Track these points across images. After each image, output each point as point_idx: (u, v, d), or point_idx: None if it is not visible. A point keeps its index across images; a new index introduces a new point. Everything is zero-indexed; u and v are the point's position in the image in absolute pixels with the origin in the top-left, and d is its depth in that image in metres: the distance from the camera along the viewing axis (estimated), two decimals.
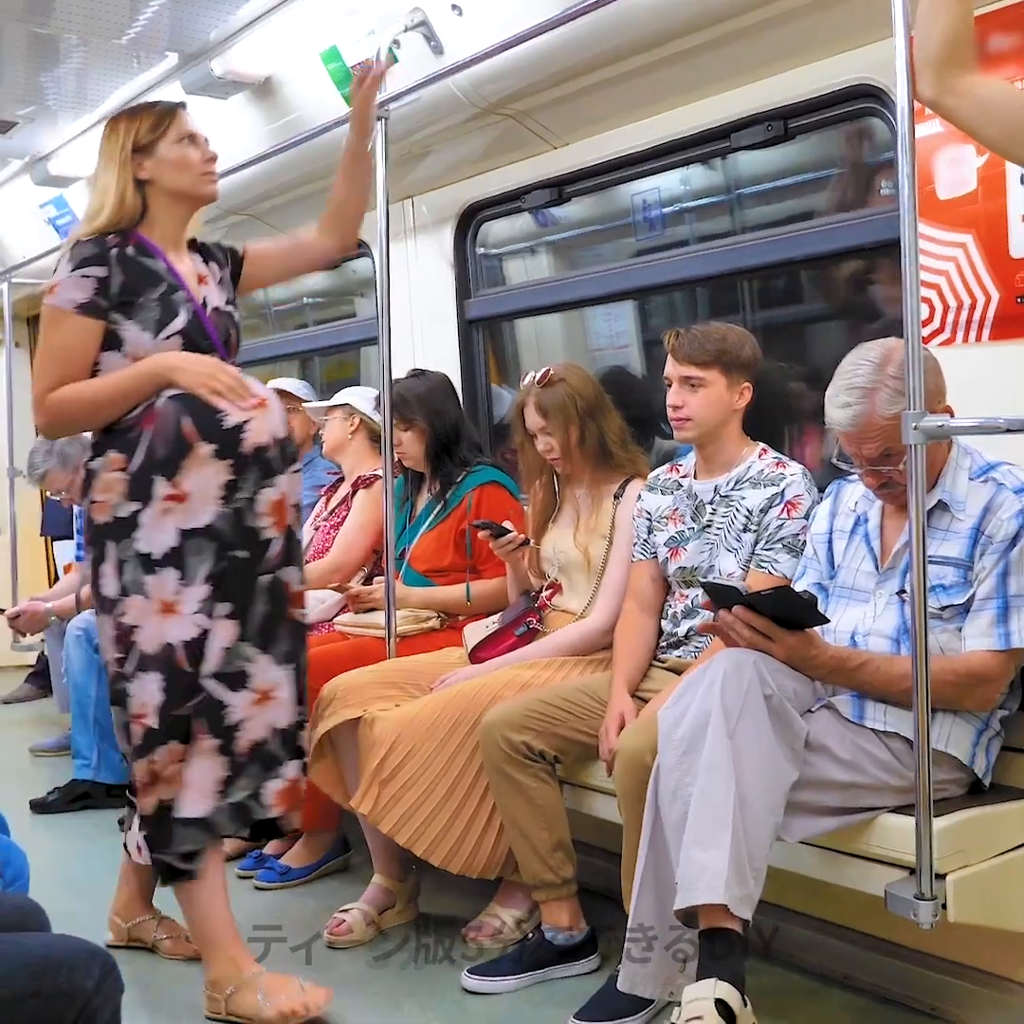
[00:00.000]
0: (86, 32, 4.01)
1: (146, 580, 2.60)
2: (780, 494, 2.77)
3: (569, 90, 3.38)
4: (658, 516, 2.98)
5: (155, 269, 2.69)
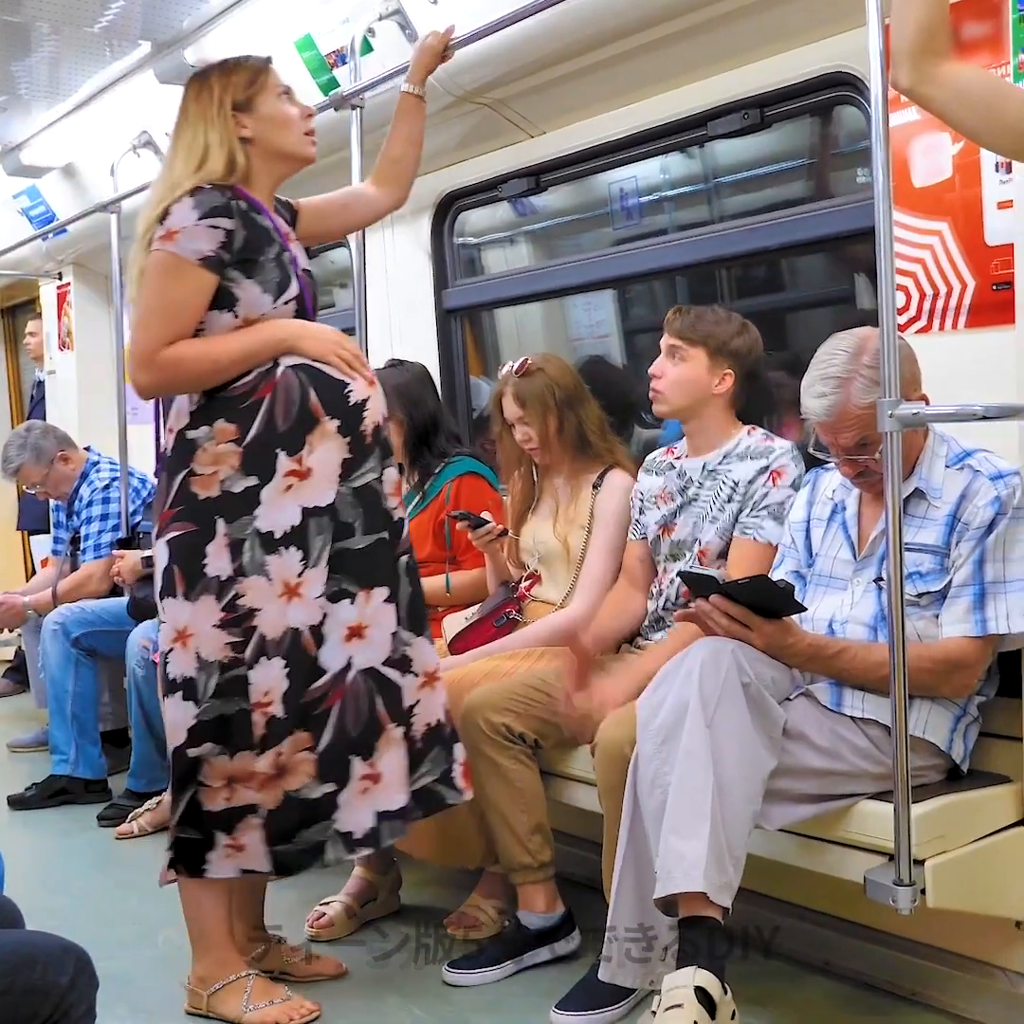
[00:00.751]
0: (58, 21, 3.98)
1: (268, 560, 2.46)
2: (767, 467, 2.78)
3: (546, 78, 3.37)
4: (648, 497, 3.00)
5: (267, 227, 2.54)
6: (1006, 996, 2.41)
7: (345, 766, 2.50)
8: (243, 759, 2.48)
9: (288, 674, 2.47)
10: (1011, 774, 2.39)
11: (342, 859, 2.56)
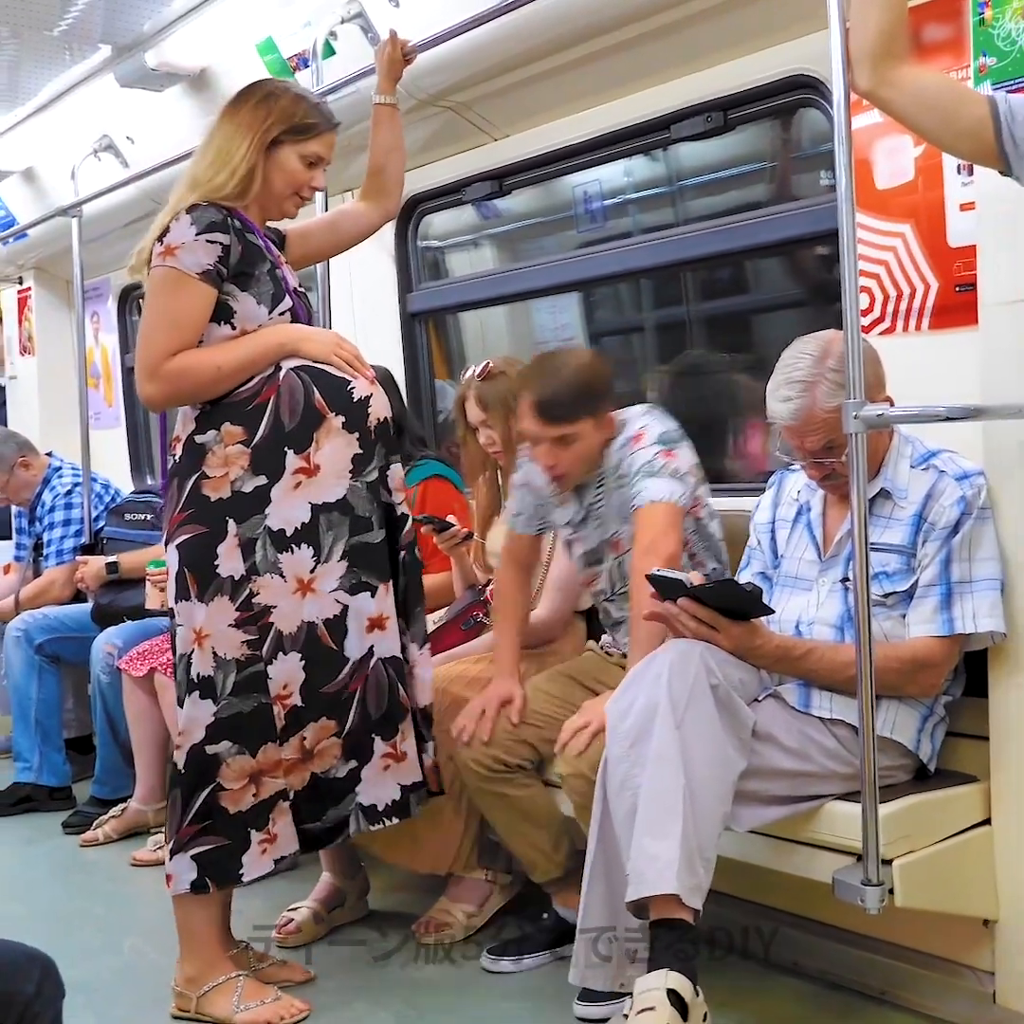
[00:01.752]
0: (17, 24, 3.95)
1: (280, 558, 2.52)
2: (628, 437, 2.74)
3: (508, 81, 3.36)
4: (550, 494, 2.91)
5: (258, 244, 2.60)
6: (974, 995, 2.42)
7: (368, 745, 2.60)
8: (266, 752, 2.54)
9: (305, 666, 2.54)
10: (978, 773, 2.40)
11: (364, 831, 2.63)
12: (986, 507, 2.32)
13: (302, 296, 2.72)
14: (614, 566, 2.83)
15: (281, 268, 2.65)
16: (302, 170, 2.64)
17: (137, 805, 3.91)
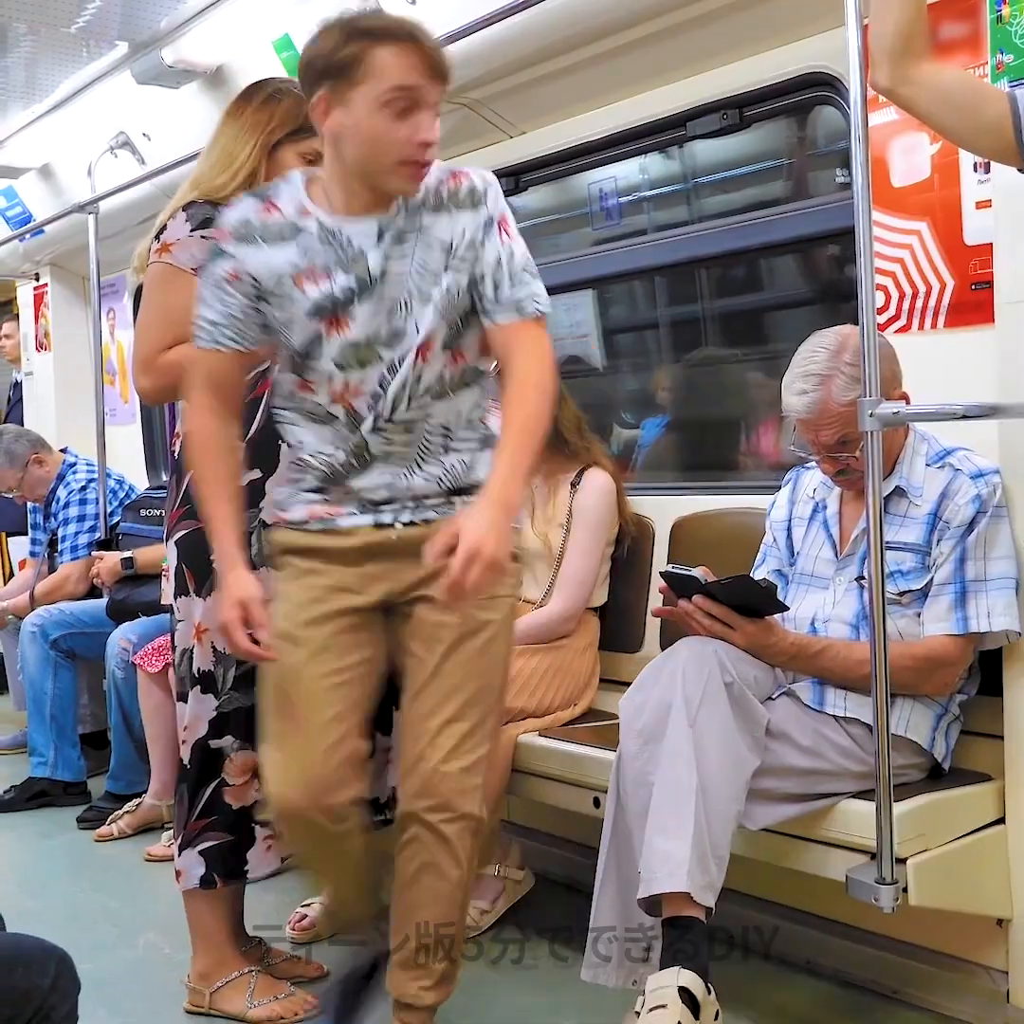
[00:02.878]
0: (35, 21, 3.96)
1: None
2: (491, 218, 2.12)
3: (524, 79, 3.36)
4: (271, 284, 2.12)
5: None
6: (988, 994, 2.42)
7: (370, 739, 2.50)
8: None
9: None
10: (992, 772, 2.39)
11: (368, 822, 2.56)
12: (1001, 505, 2.32)
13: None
14: (410, 379, 2.10)
15: None
16: (302, 167, 2.52)
17: (151, 800, 3.92)
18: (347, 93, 1.98)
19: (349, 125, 2.00)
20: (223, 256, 2.13)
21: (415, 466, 2.17)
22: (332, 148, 2.05)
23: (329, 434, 2.16)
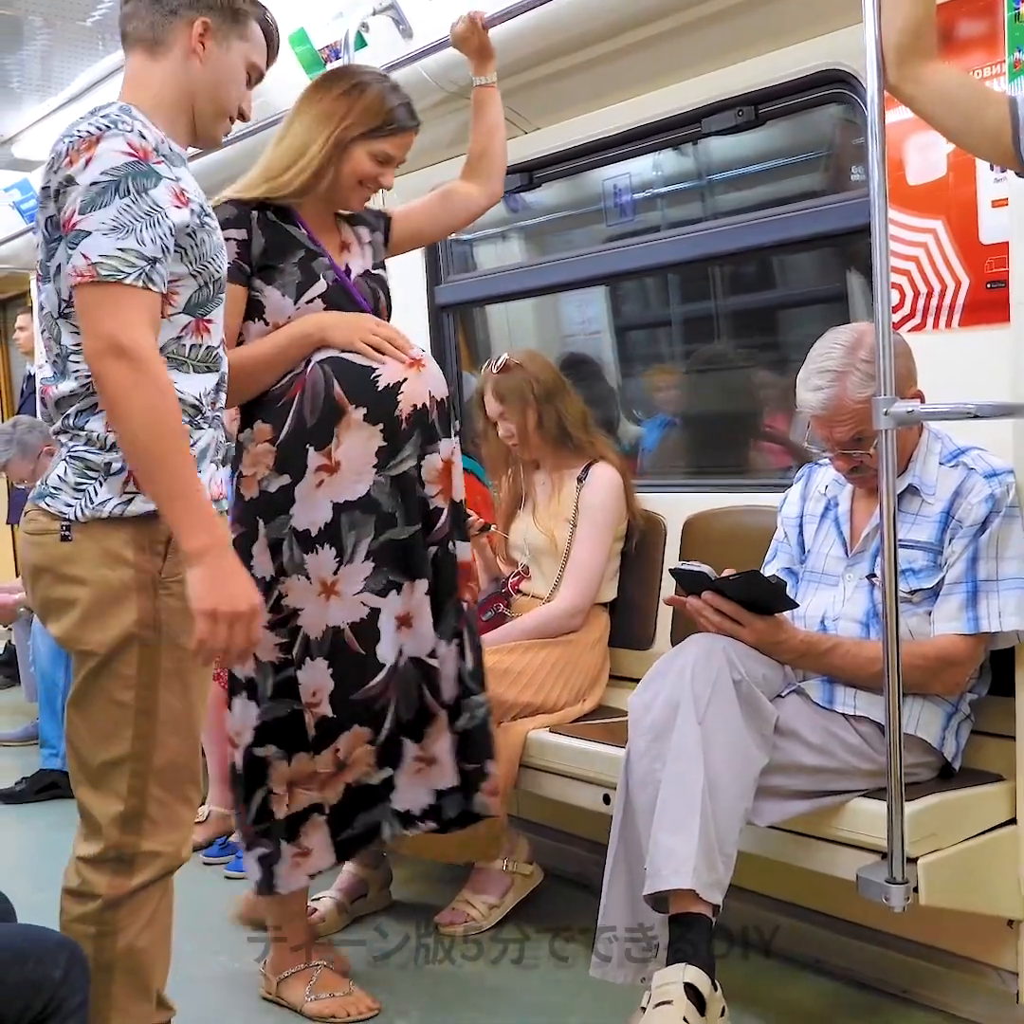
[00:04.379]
0: (51, 14, 3.97)
1: (306, 559, 2.45)
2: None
3: (539, 74, 3.35)
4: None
5: (295, 235, 2.54)
6: (998, 995, 2.42)
7: (399, 748, 2.54)
8: (300, 761, 2.52)
9: (332, 674, 2.47)
10: (1003, 772, 2.39)
11: (399, 835, 2.60)
12: (1015, 505, 2.32)
13: (370, 279, 2.63)
14: None
15: (326, 255, 2.56)
16: (371, 167, 2.55)
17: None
18: (230, 38, 2.04)
19: (218, 62, 2.02)
20: (159, 177, 1.87)
21: None
22: (183, 72, 2.01)
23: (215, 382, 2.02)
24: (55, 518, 1.92)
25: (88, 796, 1.97)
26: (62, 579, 1.91)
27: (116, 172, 1.82)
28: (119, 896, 1.92)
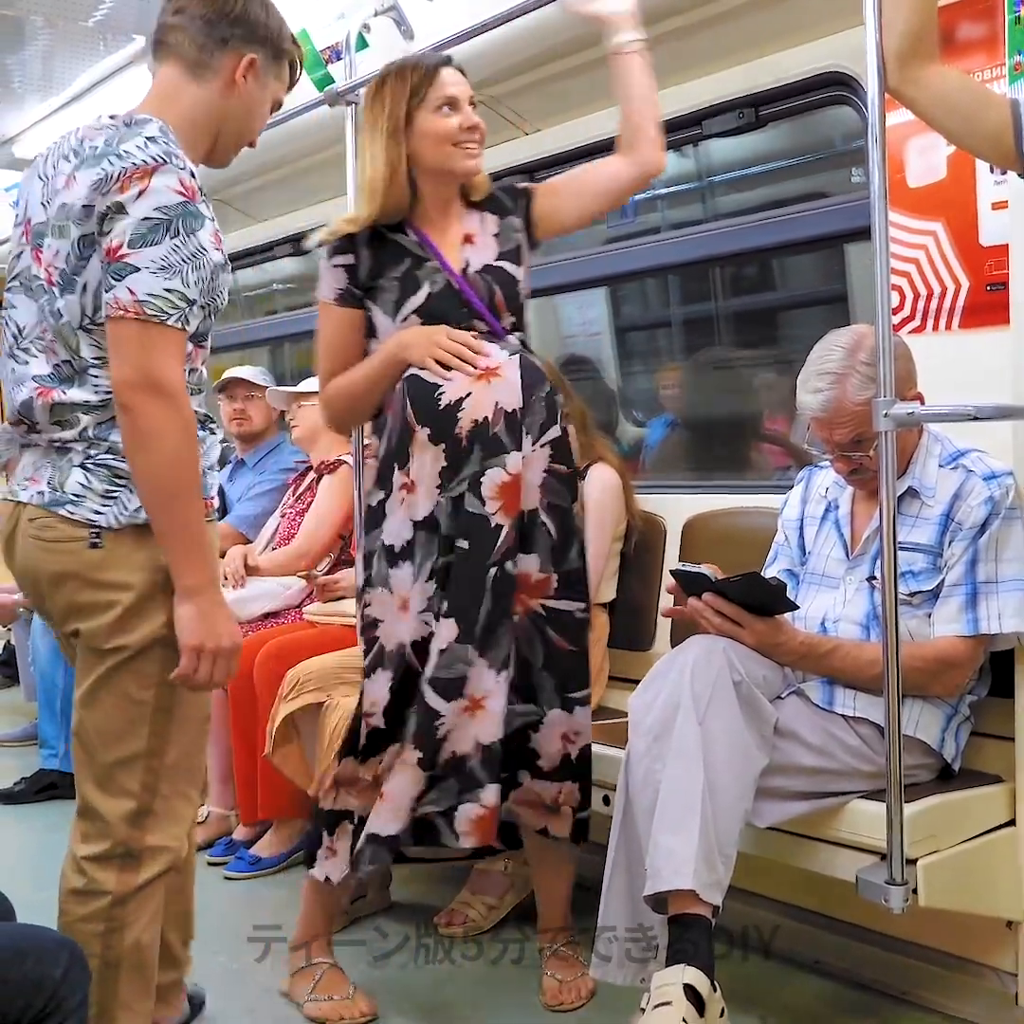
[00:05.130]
0: (52, 14, 3.96)
1: (390, 573, 2.47)
2: None
3: (541, 76, 3.36)
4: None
5: (402, 243, 2.52)
6: (997, 996, 2.42)
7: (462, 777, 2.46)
8: (347, 764, 2.54)
9: (391, 687, 2.47)
10: (1003, 774, 2.39)
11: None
12: (1014, 507, 2.32)
13: (488, 273, 2.52)
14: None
15: (437, 256, 2.50)
16: (441, 121, 2.47)
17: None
18: (269, 76, 2.13)
19: (252, 97, 2.11)
20: (204, 218, 1.95)
21: None
22: (219, 100, 2.08)
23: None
24: (81, 525, 1.95)
25: (95, 794, 2.01)
26: (95, 584, 1.96)
27: (168, 211, 1.88)
28: (127, 892, 1.99)
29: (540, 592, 2.48)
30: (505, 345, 2.48)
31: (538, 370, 2.50)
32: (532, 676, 2.49)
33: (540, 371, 2.50)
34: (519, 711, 2.48)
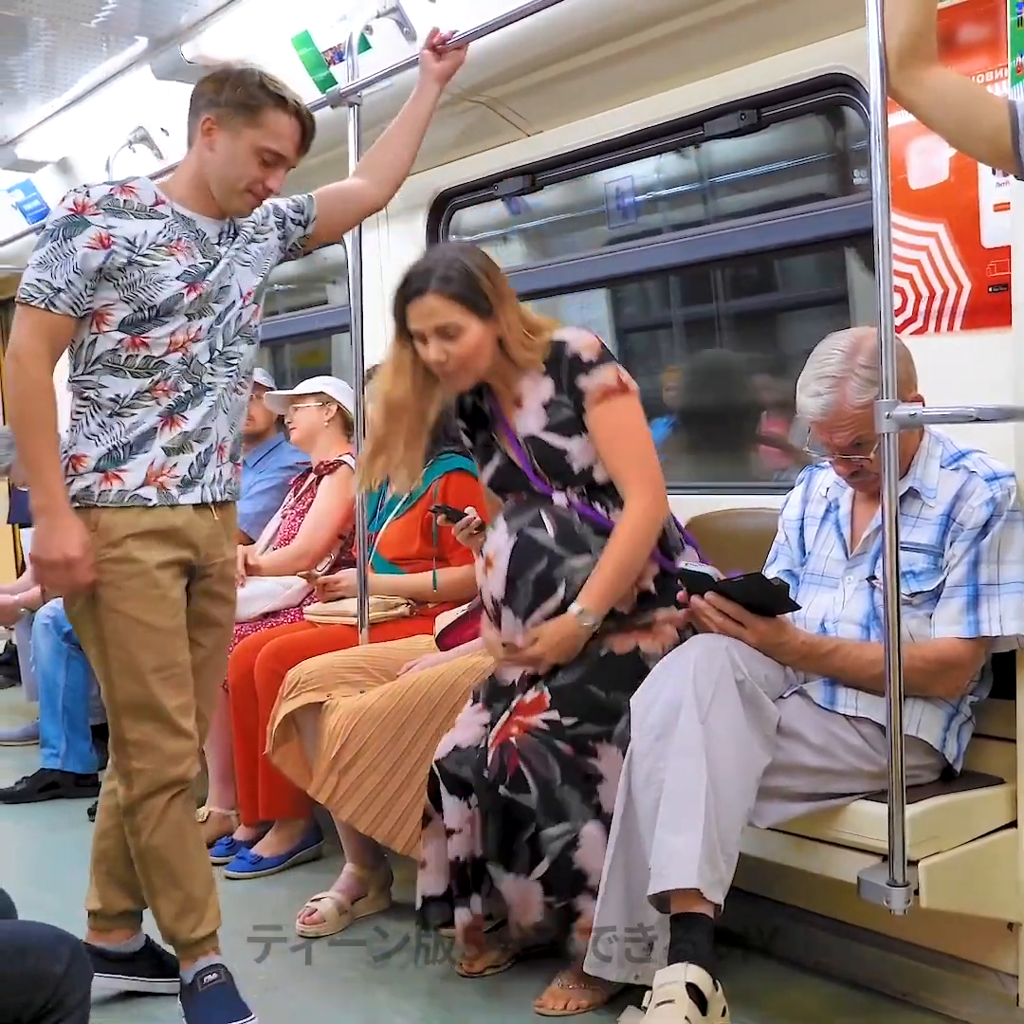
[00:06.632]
0: (54, 15, 3.96)
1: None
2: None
3: (543, 77, 3.36)
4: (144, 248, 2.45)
5: (484, 411, 2.79)
6: (998, 997, 2.42)
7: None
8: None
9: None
10: (1004, 775, 2.39)
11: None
12: (1016, 509, 2.32)
13: (532, 443, 2.67)
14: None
15: (503, 421, 2.72)
16: (422, 352, 2.68)
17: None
18: (237, 127, 2.49)
19: (225, 148, 2.51)
20: (86, 225, 2.41)
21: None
22: (199, 158, 2.55)
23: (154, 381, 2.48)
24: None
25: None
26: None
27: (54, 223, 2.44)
28: (130, 804, 2.51)
29: (536, 709, 2.53)
30: (536, 507, 2.62)
31: (535, 547, 2.59)
32: (555, 794, 2.46)
33: (539, 547, 2.58)
34: (554, 833, 2.45)
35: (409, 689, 2.95)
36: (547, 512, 2.59)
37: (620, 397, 2.58)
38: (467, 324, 2.57)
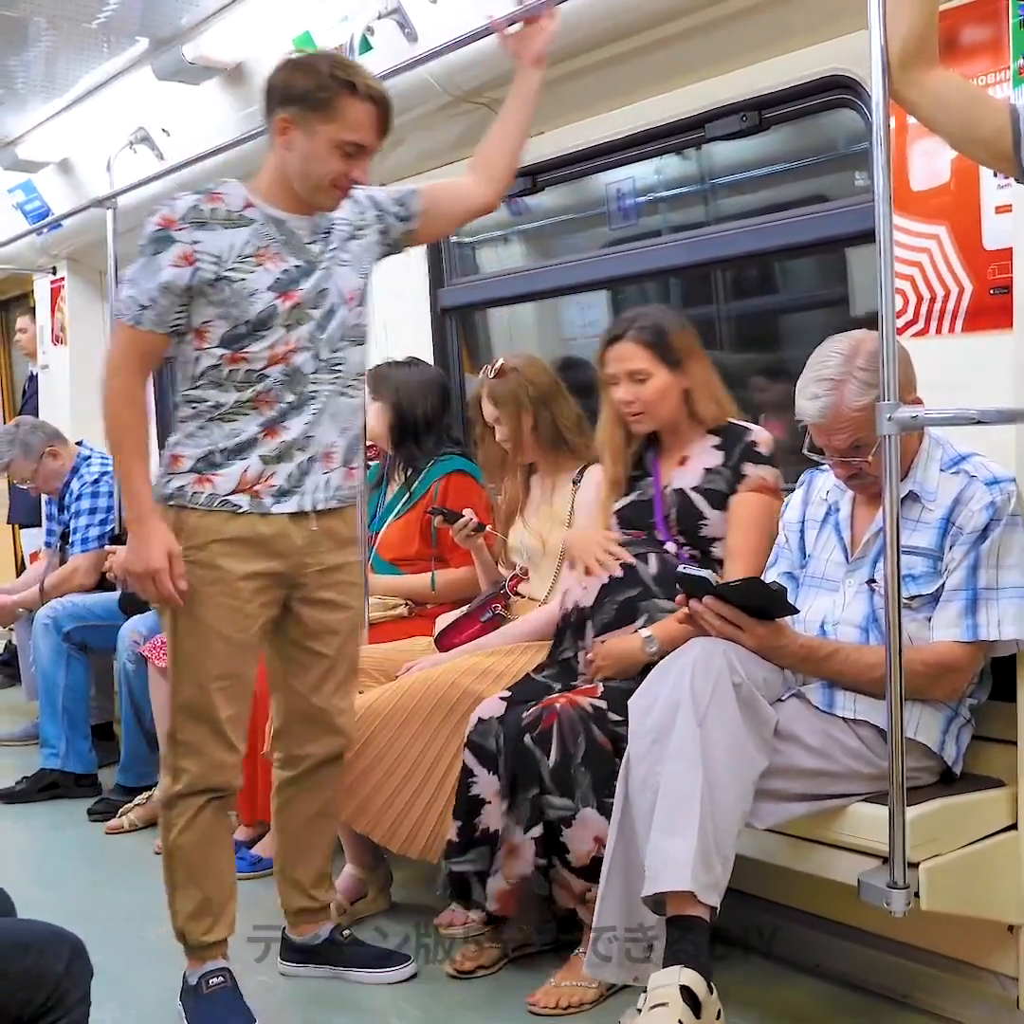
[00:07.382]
0: (55, 15, 3.97)
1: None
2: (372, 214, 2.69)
3: (544, 78, 3.35)
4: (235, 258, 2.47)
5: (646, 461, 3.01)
6: (998, 1000, 2.42)
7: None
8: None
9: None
10: (1005, 778, 2.39)
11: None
12: (1016, 514, 2.31)
13: (677, 494, 2.87)
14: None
15: (655, 478, 2.93)
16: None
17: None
18: (313, 124, 2.43)
19: (302, 147, 2.45)
20: (171, 242, 2.43)
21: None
22: (279, 158, 2.50)
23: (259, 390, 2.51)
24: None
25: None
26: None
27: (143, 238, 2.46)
28: (169, 798, 2.58)
29: (589, 692, 2.63)
30: (649, 546, 2.79)
31: (635, 576, 2.75)
32: (571, 769, 2.51)
33: (637, 577, 2.74)
34: (555, 804, 2.52)
35: (408, 690, 2.94)
36: (656, 552, 2.77)
37: (768, 495, 2.78)
38: (655, 371, 2.78)
